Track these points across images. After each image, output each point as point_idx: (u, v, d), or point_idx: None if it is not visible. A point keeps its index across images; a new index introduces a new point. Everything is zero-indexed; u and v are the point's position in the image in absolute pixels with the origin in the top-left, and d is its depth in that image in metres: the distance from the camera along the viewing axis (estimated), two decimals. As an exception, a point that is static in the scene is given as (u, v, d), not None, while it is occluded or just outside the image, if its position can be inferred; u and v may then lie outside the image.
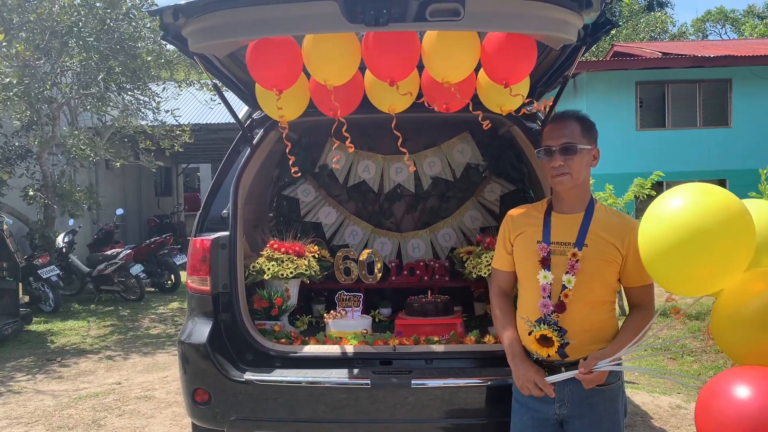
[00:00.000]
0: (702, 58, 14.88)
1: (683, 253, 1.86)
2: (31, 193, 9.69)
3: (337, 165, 4.56)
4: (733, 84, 15.19)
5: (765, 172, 6.69)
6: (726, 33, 39.18)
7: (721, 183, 15.00)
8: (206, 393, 3.05)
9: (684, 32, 38.72)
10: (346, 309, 3.59)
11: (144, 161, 11.02)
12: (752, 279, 1.88)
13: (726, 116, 15.39)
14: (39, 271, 8.89)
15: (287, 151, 2.79)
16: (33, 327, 8.27)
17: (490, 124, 2.81)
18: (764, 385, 1.68)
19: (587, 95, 14.99)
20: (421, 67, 2.63)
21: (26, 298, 8.65)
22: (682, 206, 1.89)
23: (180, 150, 11.38)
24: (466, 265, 3.82)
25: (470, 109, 2.74)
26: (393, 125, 2.60)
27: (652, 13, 37.00)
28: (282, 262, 3.63)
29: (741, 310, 1.85)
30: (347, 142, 2.72)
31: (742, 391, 1.69)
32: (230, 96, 3.66)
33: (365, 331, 3.40)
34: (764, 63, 14.78)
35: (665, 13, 38.38)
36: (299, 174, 3.08)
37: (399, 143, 2.73)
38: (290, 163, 2.83)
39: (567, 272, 2.23)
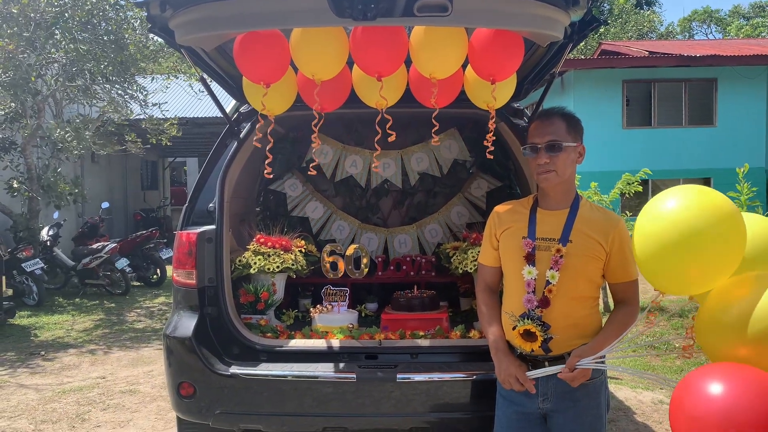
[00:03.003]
0: (688, 57, 15.01)
1: (679, 251, 1.90)
2: (16, 185, 9.60)
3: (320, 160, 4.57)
4: (719, 83, 15.34)
5: (742, 171, 6.74)
6: (712, 33, 39.52)
7: (706, 182, 15.16)
8: (191, 387, 3.04)
9: (671, 31, 39.00)
10: (333, 303, 3.60)
11: (132, 148, 10.93)
12: (737, 283, 1.92)
13: (711, 115, 15.54)
14: (23, 265, 8.82)
15: (267, 149, 2.73)
16: (16, 321, 8.20)
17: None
18: (735, 381, 1.71)
19: (574, 93, 15.07)
20: (409, 62, 2.63)
21: (10, 292, 8.60)
22: (680, 206, 1.93)
23: (168, 144, 11.32)
24: (452, 260, 3.83)
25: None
26: (388, 123, 2.59)
27: (641, 12, 37.21)
28: (268, 256, 3.63)
29: (723, 313, 1.89)
30: (313, 137, 2.71)
31: (714, 388, 1.72)
32: (218, 90, 3.65)
33: (351, 326, 3.41)
34: (749, 63, 14.94)
35: (654, 12, 38.62)
36: (272, 176, 3.06)
37: (376, 139, 2.69)
38: (267, 162, 2.77)
39: (551, 268, 2.26)
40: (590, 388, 2.30)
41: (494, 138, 2.71)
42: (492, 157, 2.78)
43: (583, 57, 21.33)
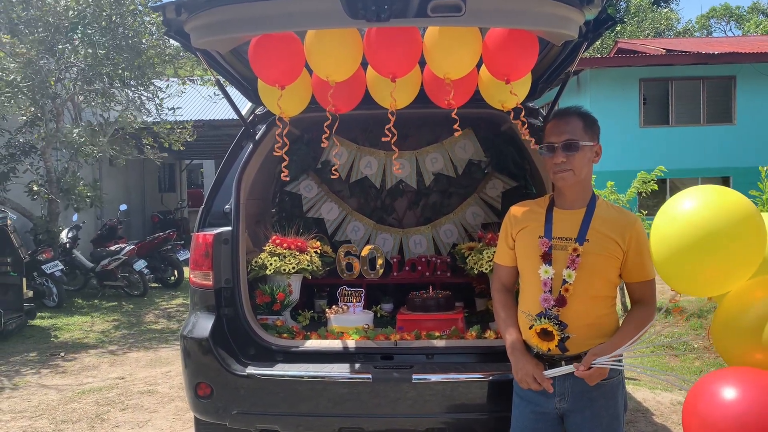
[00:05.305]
0: (706, 55, 14.84)
1: (697, 252, 1.87)
2: (36, 188, 9.72)
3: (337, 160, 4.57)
4: (738, 81, 15.15)
5: (765, 169, 6.65)
6: (731, 30, 39.01)
7: (725, 180, 14.98)
8: (208, 387, 3.06)
9: (688, 29, 38.57)
10: (348, 304, 3.60)
11: (149, 154, 11.05)
12: (754, 286, 1.89)
13: (730, 113, 15.35)
14: (43, 267, 8.94)
15: (276, 147, 2.74)
16: (37, 322, 8.31)
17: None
18: (749, 386, 1.69)
19: (590, 92, 14.97)
20: (423, 63, 2.63)
21: (30, 294, 8.70)
22: (698, 206, 1.91)
23: (182, 148, 11.41)
24: (467, 261, 3.82)
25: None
26: (392, 123, 2.60)
27: (658, 10, 36.83)
28: (284, 257, 3.64)
29: (739, 316, 1.86)
30: (332, 138, 2.72)
31: (728, 393, 1.70)
32: (233, 92, 3.67)
33: (367, 326, 3.41)
34: (769, 60, 14.74)
35: (671, 10, 38.23)
36: (288, 178, 3.08)
37: (393, 141, 2.70)
38: (283, 165, 2.80)
39: (567, 267, 2.25)
40: (607, 388, 2.29)
41: (528, 131, 2.70)
42: (536, 146, 2.78)
43: (599, 55, 21.20)
